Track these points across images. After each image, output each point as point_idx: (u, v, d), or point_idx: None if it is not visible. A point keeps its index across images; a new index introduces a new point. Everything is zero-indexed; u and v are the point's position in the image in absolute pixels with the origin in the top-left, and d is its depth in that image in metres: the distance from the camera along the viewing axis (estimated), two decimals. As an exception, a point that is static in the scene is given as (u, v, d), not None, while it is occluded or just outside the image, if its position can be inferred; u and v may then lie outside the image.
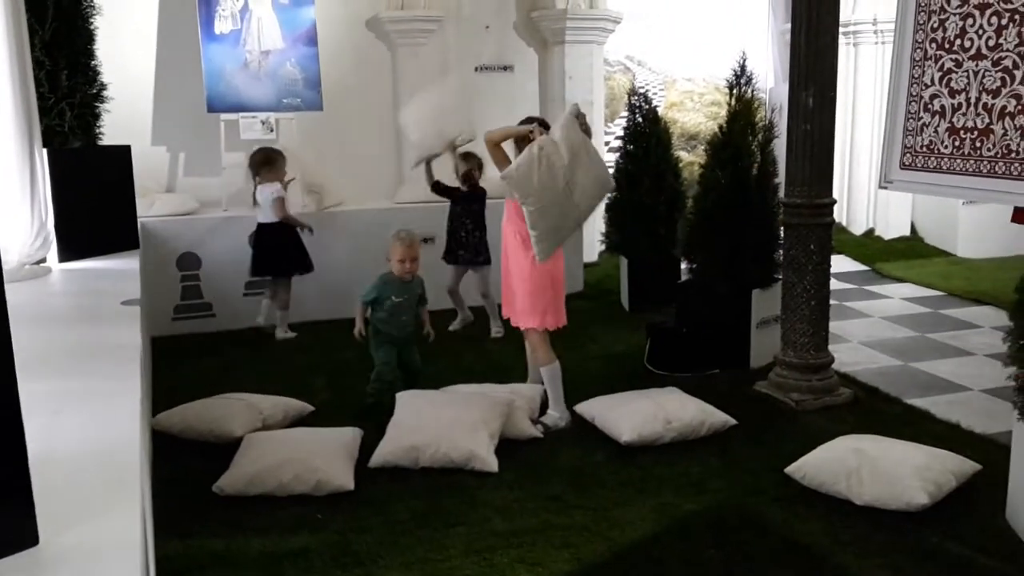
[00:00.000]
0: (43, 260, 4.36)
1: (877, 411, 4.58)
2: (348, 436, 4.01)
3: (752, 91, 5.41)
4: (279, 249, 6.01)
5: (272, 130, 6.98)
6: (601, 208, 7.35)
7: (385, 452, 3.92)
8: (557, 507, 3.52)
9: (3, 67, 3.97)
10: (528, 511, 3.49)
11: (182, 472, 3.82)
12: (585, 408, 4.39)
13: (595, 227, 7.68)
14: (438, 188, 6.05)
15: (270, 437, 3.93)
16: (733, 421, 4.29)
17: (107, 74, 5.34)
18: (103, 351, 2.81)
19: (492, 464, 3.85)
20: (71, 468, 1.87)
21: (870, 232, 9.18)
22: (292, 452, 3.73)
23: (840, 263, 7.60)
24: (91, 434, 2.04)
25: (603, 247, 7.41)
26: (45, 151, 4.38)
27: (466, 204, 6.06)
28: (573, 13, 7.94)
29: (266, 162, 5.99)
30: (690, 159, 9.91)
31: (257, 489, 3.58)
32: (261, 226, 6.02)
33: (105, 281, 4.13)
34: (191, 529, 3.32)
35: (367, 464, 3.86)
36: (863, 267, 8.20)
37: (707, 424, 4.23)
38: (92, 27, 5.10)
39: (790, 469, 3.67)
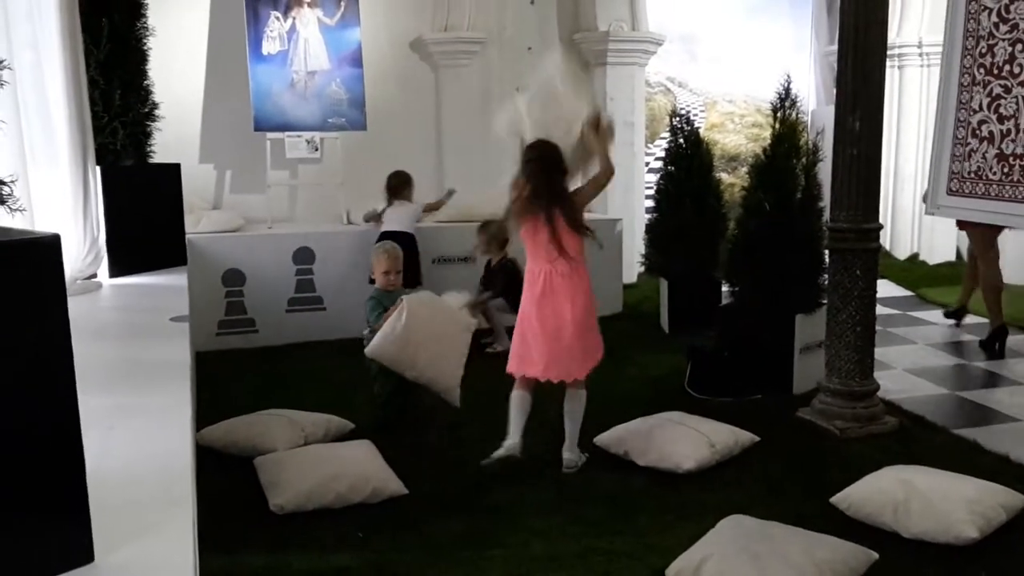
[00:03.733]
0: (94, 275, 4.44)
1: (923, 441, 4.49)
2: (367, 447, 4.08)
3: (796, 114, 5.37)
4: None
5: (317, 149, 7.09)
6: (641, 229, 7.34)
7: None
8: (597, 532, 3.49)
9: (59, 86, 4.07)
10: (568, 536, 3.47)
11: (225, 487, 3.86)
12: (611, 440, 4.28)
13: (634, 248, 7.67)
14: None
15: (294, 455, 3.98)
16: (757, 438, 4.32)
17: (158, 94, 5.46)
18: (153, 367, 2.86)
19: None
20: (124, 484, 1.90)
21: (914, 257, 9.05)
22: (342, 465, 3.80)
23: (883, 288, 7.48)
24: (144, 450, 2.08)
25: (642, 268, 7.39)
26: (98, 168, 4.48)
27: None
28: (615, 35, 7.97)
29: (405, 184, 6.44)
30: (731, 181, 9.86)
31: (315, 503, 3.62)
32: (386, 235, 6.02)
33: (154, 297, 4.20)
34: (234, 545, 3.35)
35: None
36: (907, 292, 8.08)
37: (739, 442, 4.25)
38: (145, 48, 5.22)
39: (835, 499, 3.61)
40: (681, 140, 6.78)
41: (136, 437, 2.18)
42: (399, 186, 6.41)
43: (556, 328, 3.98)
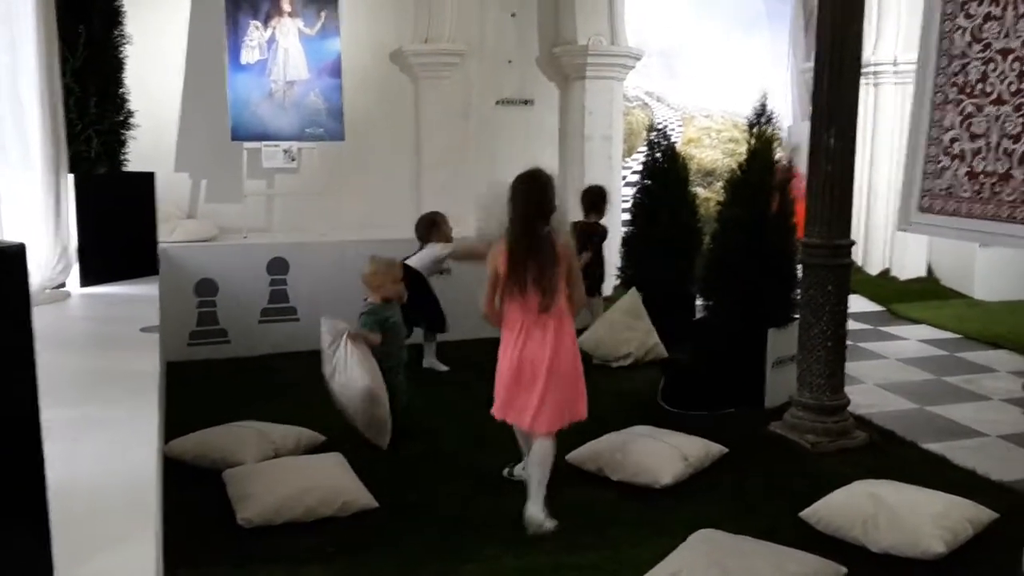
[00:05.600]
0: (63, 284, 4.40)
1: (893, 455, 4.53)
2: (337, 459, 4.05)
3: (772, 130, 5.42)
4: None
5: (294, 159, 7.06)
6: (617, 242, 7.37)
7: None
8: (570, 546, 3.49)
9: (33, 94, 4.04)
10: (541, 550, 3.46)
11: (193, 500, 3.82)
12: (585, 456, 4.24)
13: (611, 261, 7.69)
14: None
15: (264, 467, 3.95)
16: (726, 449, 4.35)
17: (134, 101, 5.42)
18: (121, 378, 2.83)
19: None
20: (88, 497, 1.88)
21: (886, 272, 9.14)
22: (311, 478, 3.77)
23: (855, 303, 7.53)
24: (109, 463, 2.05)
25: (618, 281, 7.41)
26: (71, 176, 4.44)
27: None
28: (594, 49, 8.01)
29: (432, 225, 6.05)
30: (707, 195, 9.93)
31: (284, 517, 3.59)
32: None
33: (124, 307, 4.16)
34: (201, 558, 3.32)
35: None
36: (878, 307, 8.16)
37: (709, 454, 4.28)
38: (122, 56, 5.18)
39: (805, 513, 3.63)
40: (658, 154, 6.82)
41: (102, 450, 2.16)
42: (428, 226, 6.10)
43: (533, 377, 3.65)
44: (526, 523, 3.61)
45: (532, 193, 3.62)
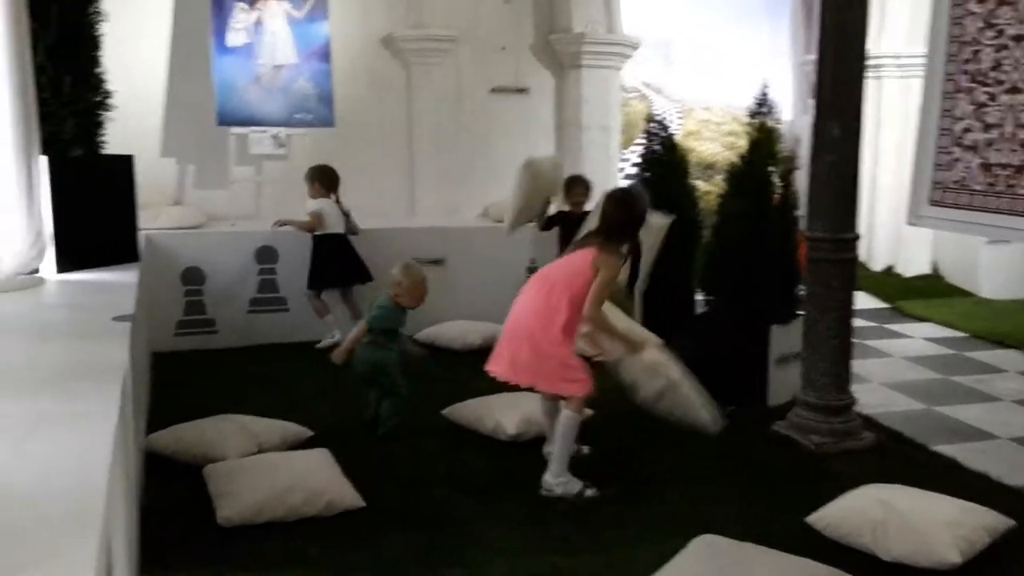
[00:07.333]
0: (37, 270, 4.20)
1: (901, 458, 4.36)
2: (323, 456, 3.89)
3: (775, 121, 5.26)
4: (338, 260, 6.03)
5: (283, 145, 6.88)
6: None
7: None
8: (564, 549, 3.32)
9: (3, 71, 3.84)
10: (532, 552, 3.29)
11: (172, 497, 3.65)
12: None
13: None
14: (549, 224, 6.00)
15: (246, 464, 3.77)
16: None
17: (116, 83, 5.20)
18: (86, 370, 2.64)
19: None
20: (32, 503, 1.69)
21: (889, 269, 8.99)
22: (295, 475, 3.59)
23: (859, 299, 7.38)
24: (57, 464, 1.86)
25: (617, 276, 7.23)
26: (44, 159, 4.24)
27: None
28: (590, 37, 7.83)
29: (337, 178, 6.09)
30: (707, 188, 9.76)
31: (266, 516, 3.41)
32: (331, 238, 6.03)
33: (100, 295, 3.97)
34: (177, 560, 3.15)
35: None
36: (883, 304, 8.00)
37: None
38: (98, 34, 4.96)
39: (811, 518, 3.46)
40: (656, 145, 6.63)
41: (52, 449, 1.97)
42: (334, 179, 6.12)
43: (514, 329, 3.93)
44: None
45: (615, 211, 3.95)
